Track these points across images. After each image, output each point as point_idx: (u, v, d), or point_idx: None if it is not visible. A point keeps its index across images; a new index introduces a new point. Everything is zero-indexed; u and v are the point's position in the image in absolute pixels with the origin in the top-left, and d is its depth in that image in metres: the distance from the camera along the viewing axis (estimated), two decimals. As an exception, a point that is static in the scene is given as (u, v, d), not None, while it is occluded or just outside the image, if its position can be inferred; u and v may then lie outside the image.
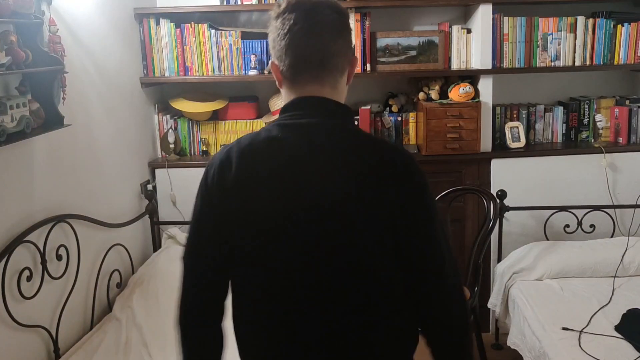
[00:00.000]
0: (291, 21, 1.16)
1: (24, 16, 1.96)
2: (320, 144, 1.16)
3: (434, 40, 3.19)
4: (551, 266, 2.86)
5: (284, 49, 1.18)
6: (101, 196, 2.64)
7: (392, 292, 1.19)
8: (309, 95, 1.21)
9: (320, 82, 1.21)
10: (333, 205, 1.14)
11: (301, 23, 1.16)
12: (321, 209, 1.14)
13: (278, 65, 1.21)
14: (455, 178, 3.18)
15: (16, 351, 2.01)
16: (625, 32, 3.18)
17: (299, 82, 1.21)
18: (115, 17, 2.84)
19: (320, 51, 1.18)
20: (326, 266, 1.15)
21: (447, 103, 3.13)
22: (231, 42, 3.16)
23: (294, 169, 1.16)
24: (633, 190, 3.15)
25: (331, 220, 1.14)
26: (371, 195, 1.13)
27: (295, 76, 1.20)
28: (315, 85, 1.20)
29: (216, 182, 1.19)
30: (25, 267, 2.05)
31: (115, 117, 2.79)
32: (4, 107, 1.86)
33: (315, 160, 1.16)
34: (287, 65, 1.19)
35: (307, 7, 1.17)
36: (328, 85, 1.21)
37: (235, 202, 1.17)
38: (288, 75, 1.21)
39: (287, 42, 1.17)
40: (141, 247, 3.07)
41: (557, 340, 2.30)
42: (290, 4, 1.18)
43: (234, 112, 3.33)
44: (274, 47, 1.21)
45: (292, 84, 1.22)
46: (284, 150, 1.17)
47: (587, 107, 3.36)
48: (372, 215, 1.14)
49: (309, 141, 1.16)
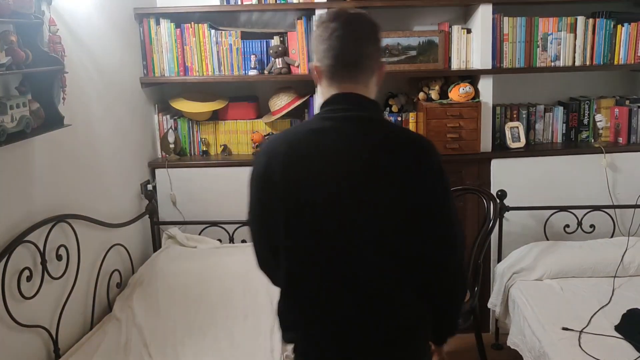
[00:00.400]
0: (332, 29, 1.38)
1: (24, 16, 1.96)
2: (353, 133, 1.36)
3: (434, 40, 3.19)
4: (551, 266, 2.86)
5: (325, 52, 1.39)
6: (101, 196, 2.64)
7: (414, 257, 1.39)
8: (345, 92, 1.41)
9: (355, 81, 1.41)
10: (366, 183, 1.35)
11: (340, 30, 1.38)
12: (357, 187, 1.34)
13: (319, 67, 1.42)
14: (455, 178, 3.17)
15: (16, 351, 2.01)
16: (625, 32, 3.19)
17: (336, 80, 1.41)
18: (115, 17, 2.84)
19: (356, 54, 1.39)
20: (362, 232, 1.35)
21: (447, 103, 3.13)
22: (231, 42, 3.16)
23: (332, 154, 1.35)
24: (633, 190, 3.16)
25: (364, 194, 1.35)
26: (400, 176, 1.34)
27: (334, 75, 1.41)
28: (350, 83, 1.40)
29: (264, 171, 1.39)
30: (25, 267, 2.05)
31: (115, 117, 2.79)
32: (4, 107, 1.86)
33: (349, 146, 1.36)
34: (326, 66, 1.40)
35: (346, 18, 1.40)
36: (362, 83, 1.41)
37: (285, 184, 1.37)
38: (328, 75, 1.41)
39: (327, 46, 1.38)
40: (141, 247, 3.07)
41: (557, 340, 2.30)
42: (332, 15, 1.40)
43: (234, 112, 3.33)
44: (316, 51, 1.42)
45: (330, 82, 1.42)
46: (323, 139, 1.37)
47: (587, 107, 3.36)
48: (398, 192, 1.35)
49: (344, 131, 1.36)
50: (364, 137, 1.37)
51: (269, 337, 2.33)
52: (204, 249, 3.02)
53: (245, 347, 2.29)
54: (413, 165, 1.35)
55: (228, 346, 2.30)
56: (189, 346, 2.30)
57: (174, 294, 2.61)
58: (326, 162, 1.36)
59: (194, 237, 3.13)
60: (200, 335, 2.37)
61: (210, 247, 3.05)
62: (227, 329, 2.40)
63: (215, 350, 2.27)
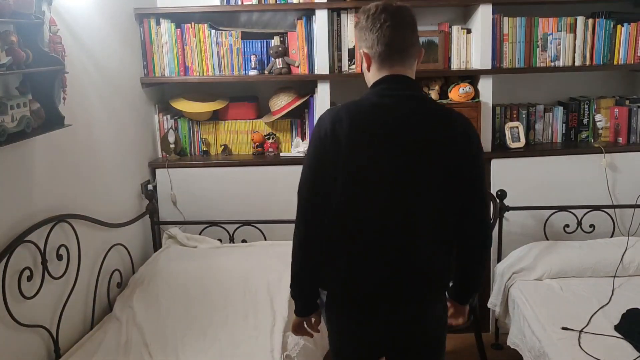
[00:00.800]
0: (381, 20, 1.62)
1: (25, 16, 1.96)
2: (409, 107, 1.64)
3: (433, 40, 3.20)
4: (551, 266, 2.86)
5: (376, 40, 1.63)
6: (102, 196, 2.64)
7: (452, 213, 1.69)
8: (395, 74, 1.66)
9: (403, 64, 1.66)
10: (420, 149, 1.63)
11: (389, 22, 1.61)
12: (411, 152, 1.62)
13: (368, 53, 1.66)
14: (455, 178, 3.18)
15: (16, 351, 2.01)
16: (625, 32, 3.19)
17: (387, 64, 1.65)
18: (116, 17, 2.84)
19: (404, 42, 1.64)
20: (413, 190, 1.64)
21: (447, 103, 3.13)
22: (231, 42, 3.16)
23: (392, 125, 1.62)
24: (633, 190, 3.16)
25: (418, 158, 1.63)
26: (450, 144, 1.63)
27: (385, 59, 1.65)
28: (399, 66, 1.66)
29: (330, 134, 1.60)
30: (26, 267, 2.06)
31: (115, 117, 2.79)
32: (5, 107, 1.87)
33: (404, 118, 1.63)
34: (378, 52, 1.64)
35: (393, 10, 1.63)
36: (408, 66, 1.67)
37: (347, 150, 1.60)
38: (379, 60, 1.65)
39: (378, 35, 1.62)
40: (141, 247, 3.08)
41: (557, 340, 2.30)
42: (380, 8, 1.63)
43: (234, 112, 3.34)
44: (364, 39, 1.66)
45: (381, 65, 1.66)
46: (384, 112, 1.63)
47: (587, 107, 3.36)
48: (448, 159, 1.64)
49: (400, 105, 1.64)
50: (415, 112, 1.65)
51: (269, 337, 2.33)
52: (204, 249, 3.02)
53: (245, 347, 2.29)
54: (461, 136, 1.64)
55: (228, 346, 2.30)
56: (189, 346, 2.31)
57: (174, 294, 2.61)
58: (389, 131, 1.61)
59: (194, 237, 3.14)
60: (200, 335, 2.38)
61: (210, 247, 3.05)
62: (227, 329, 2.41)
63: (215, 350, 2.28)
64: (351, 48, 3.13)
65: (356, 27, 1.71)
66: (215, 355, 2.24)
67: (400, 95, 1.65)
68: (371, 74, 1.69)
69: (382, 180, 1.63)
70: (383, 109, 1.63)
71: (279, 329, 2.38)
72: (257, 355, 2.23)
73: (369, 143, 1.61)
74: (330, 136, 1.60)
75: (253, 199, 3.20)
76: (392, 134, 1.62)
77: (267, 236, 3.16)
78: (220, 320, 2.46)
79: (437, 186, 1.64)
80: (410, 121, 1.63)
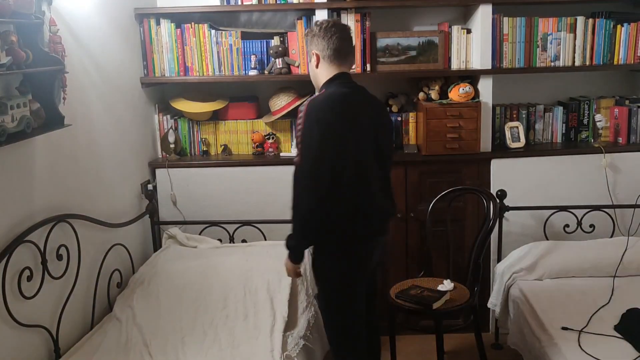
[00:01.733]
0: (332, 32, 2.19)
1: (25, 16, 1.96)
2: (362, 95, 2.25)
3: (433, 40, 3.20)
4: (551, 266, 2.86)
5: (327, 45, 2.19)
6: (102, 196, 2.64)
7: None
8: (343, 72, 2.23)
9: (347, 66, 2.26)
10: (376, 124, 2.25)
11: (338, 34, 2.20)
12: (375, 128, 2.24)
13: (319, 54, 2.21)
14: (455, 178, 3.18)
15: (17, 351, 2.02)
16: (625, 32, 3.19)
17: (336, 64, 2.21)
18: (116, 17, 2.84)
19: (347, 49, 2.24)
20: (380, 151, 2.24)
21: (447, 103, 3.13)
22: (231, 42, 3.16)
23: (361, 108, 2.21)
24: (633, 190, 3.15)
25: (377, 131, 2.24)
26: (383, 121, 2.32)
27: (334, 60, 2.21)
28: (344, 67, 2.24)
29: (331, 118, 2.07)
30: (26, 266, 2.06)
31: (115, 117, 2.79)
32: (5, 107, 1.87)
33: (366, 103, 2.25)
34: (328, 55, 2.20)
35: (340, 27, 2.24)
36: (348, 67, 2.27)
37: (342, 127, 2.10)
38: (328, 60, 2.21)
39: (329, 42, 2.19)
40: (141, 247, 3.08)
41: (557, 340, 2.30)
42: (331, 23, 2.23)
43: (234, 112, 3.34)
44: (317, 44, 2.21)
45: (330, 65, 2.21)
46: (352, 99, 2.19)
47: (587, 107, 3.36)
48: (384, 130, 2.32)
49: (356, 94, 2.22)
50: (368, 98, 2.28)
51: (269, 337, 2.33)
52: (204, 249, 3.02)
53: (245, 347, 2.29)
54: (385, 117, 2.37)
55: (228, 346, 2.30)
56: (189, 346, 2.31)
57: (174, 294, 2.62)
58: (360, 112, 2.19)
59: (194, 237, 3.14)
60: (200, 334, 2.38)
61: (210, 246, 3.06)
62: (227, 329, 2.41)
63: (215, 350, 2.28)
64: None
65: (308, 35, 2.25)
66: (215, 355, 2.25)
67: (353, 86, 2.22)
68: (320, 70, 2.24)
69: (367, 148, 2.19)
70: (349, 97, 2.17)
71: (279, 329, 2.38)
72: (257, 355, 2.23)
73: (354, 121, 2.15)
74: (332, 119, 2.07)
75: (253, 199, 3.20)
76: (363, 112, 2.20)
77: (267, 236, 3.16)
78: (220, 320, 2.46)
79: (381, 153, 2.24)
80: (367, 105, 2.25)
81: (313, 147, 2.04)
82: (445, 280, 2.82)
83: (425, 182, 3.22)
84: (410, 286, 2.81)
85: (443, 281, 2.81)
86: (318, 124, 2.04)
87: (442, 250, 3.09)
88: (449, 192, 3.01)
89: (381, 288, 2.54)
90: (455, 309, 2.67)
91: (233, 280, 2.66)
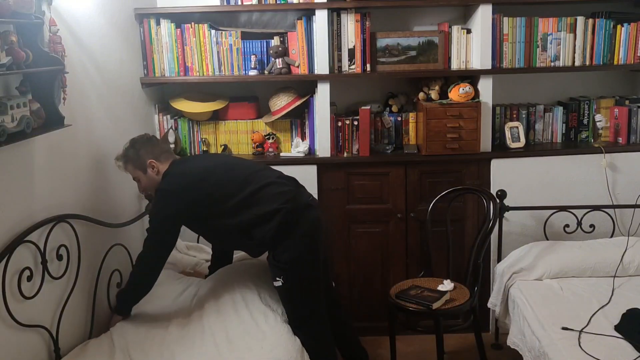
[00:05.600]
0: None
1: (25, 16, 1.96)
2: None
3: (433, 40, 3.20)
4: (551, 266, 2.86)
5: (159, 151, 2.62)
6: (101, 196, 2.64)
7: None
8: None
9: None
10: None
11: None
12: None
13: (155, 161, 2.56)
14: (455, 178, 3.18)
15: (16, 351, 2.01)
16: (625, 32, 3.19)
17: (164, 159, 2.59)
18: (116, 17, 2.84)
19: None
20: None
21: (447, 103, 3.13)
22: (231, 42, 3.16)
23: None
24: (633, 190, 3.16)
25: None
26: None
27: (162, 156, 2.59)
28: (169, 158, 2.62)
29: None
30: (26, 267, 2.05)
31: (115, 117, 2.79)
32: (5, 107, 1.86)
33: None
34: (161, 156, 2.60)
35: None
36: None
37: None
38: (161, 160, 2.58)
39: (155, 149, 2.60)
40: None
41: (557, 340, 2.30)
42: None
43: (234, 112, 3.34)
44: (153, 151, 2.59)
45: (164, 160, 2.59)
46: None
47: (587, 107, 3.36)
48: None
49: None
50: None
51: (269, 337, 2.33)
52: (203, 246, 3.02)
53: (244, 346, 2.29)
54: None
55: (226, 346, 2.30)
56: (187, 346, 2.30)
57: (173, 294, 2.61)
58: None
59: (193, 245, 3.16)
60: (199, 334, 2.37)
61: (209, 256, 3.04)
62: (225, 329, 2.40)
63: (214, 350, 2.27)
64: (351, 48, 3.13)
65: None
66: (215, 355, 2.24)
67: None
68: (162, 165, 2.57)
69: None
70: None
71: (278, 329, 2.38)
72: (257, 355, 2.23)
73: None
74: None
75: (253, 199, 3.19)
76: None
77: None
78: (218, 321, 2.46)
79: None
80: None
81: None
82: (445, 280, 2.82)
83: (425, 182, 3.22)
84: (410, 286, 2.81)
85: (443, 281, 2.82)
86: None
87: (442, 250, 3.09)
88: (449, 192, 3.01)
89: (381, 288, 2.54)
90: (455, 309, 2.68)
91: (231, 280, 2.66)
